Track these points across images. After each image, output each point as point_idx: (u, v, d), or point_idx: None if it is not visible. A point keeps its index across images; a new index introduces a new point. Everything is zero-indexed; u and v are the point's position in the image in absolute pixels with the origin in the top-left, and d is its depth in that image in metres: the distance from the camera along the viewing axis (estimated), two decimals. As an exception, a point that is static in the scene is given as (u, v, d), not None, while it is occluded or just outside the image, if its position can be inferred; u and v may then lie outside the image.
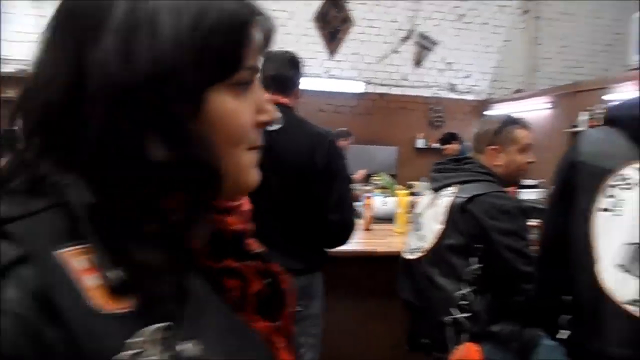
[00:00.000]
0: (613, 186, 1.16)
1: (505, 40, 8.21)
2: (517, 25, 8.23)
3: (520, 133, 1.75)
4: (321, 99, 7.49)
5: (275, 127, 1.71)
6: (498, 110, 7.38)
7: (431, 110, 8.05)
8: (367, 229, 2.51)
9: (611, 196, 1.16)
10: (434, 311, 1.62)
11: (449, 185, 1.69)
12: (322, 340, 1.81)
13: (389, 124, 7.86)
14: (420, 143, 7.93)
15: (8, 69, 6.80)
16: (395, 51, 7.88)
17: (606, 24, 8.31)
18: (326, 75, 7.61)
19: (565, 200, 1.24)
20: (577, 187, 1.21)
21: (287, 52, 1.84)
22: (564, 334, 1.29)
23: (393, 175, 5.41)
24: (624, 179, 1.14)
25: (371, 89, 7.86)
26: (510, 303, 1.59)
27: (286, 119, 1.71)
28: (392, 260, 1.91)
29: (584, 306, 1.19)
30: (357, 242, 2.16)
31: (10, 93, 6.34)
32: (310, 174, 1.70)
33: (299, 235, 1.72)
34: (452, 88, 8.12)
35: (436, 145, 7.12)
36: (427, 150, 7.84)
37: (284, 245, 1.69)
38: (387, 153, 7.70)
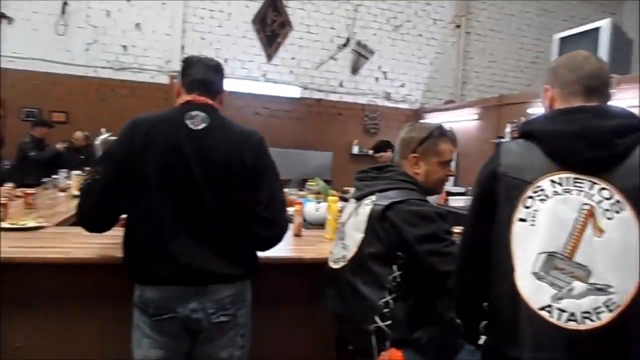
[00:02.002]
0: (531, 197, 1.20)
1: (437, 52, 8.51)
2: (449, 39, 8.55)
3: (444, 147, 1.78)
4: (257, 103, 7.41)
5: (200, 126, 1.65)
6: (430, 119, 7.63)
7: (367, 118, 8.18)
8: (298, 235, 2.48)
9: (528, 207, 1.20)
10: (358, 319, 1.61)
11: (370, 193, 1.69)
12: (249, 350, 1.75)
13: (324, 129, 7.90)
14: (355, 149, 8.03)
15: None
16: (332, 58, 7.94)
17: (531, 42, 8.82)
18: (263, 79, 7.54)
19: (487, 209, 1.27)
20: (498, 196, 1.24)
21: (211, 58, 1.84)
22: (482, 339, 1.32)
23: (328, 181, 5.43)
24: (540, 191, 1.19)
25: (308, 94, 7.87)
26: (433, 308, 1.61)
27: (212, 118, 1.68)
28: (320, 267, 1.89)
29: (502, 313, 1.22)
30: (285, 248, 2.12)
31: None
32: (238, 172, 1.65)
33: (232, 238, 1.66)
34: (388, 96, 8.29)
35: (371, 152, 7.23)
36: (362, 157, 7.94)
37: (218, 249, 1.64)
38: (322, 158, 7.73)
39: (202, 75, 1.76)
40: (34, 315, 1.85)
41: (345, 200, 4.06)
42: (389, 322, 1.55)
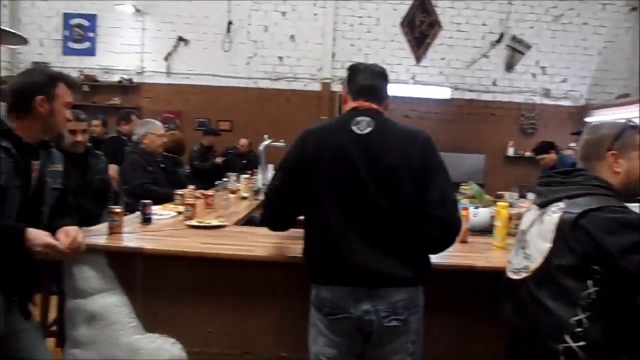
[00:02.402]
0: None
1: (607, 41, 7.62)
2: (621, 25, 7.61)
3: None
4: (406, 105, 7.36)
5: (366, 130, 1.68)
6: (599, 117, 6.85)
7: (523, 117, 7.64)
8: (464, 241, 2.39)
9: None
10: (543, 336, 1.48)
11: (557, 200, 1.55)
12: (420, 358, 1.73)
13: (476, 131, 7.55)
14: (510, 151, 7.55)
15: (114, 78, 7.38)
16: (485, 55, 7.57)
17: None
18: (412, 81, 7.47)
19: None
20: None
21: (377, 65, 1.87)
22: None
23: (480, 185, 5.17)
24: None
25: (458, 94, 7.61)
26: (638, 330, 1.42)
27: (377, 122, 1.70)
28: (492, 275, 1.80)
29: None
30: (454, 255, 2.06)
31: (116, 100, 6.89)
32: (407, 172, 1.65)
33: (404, 240, 1.67)
34: (547, 93, 7.65)
35: (529, 154, 6.72)
36: (518, 159, 7.45)
37: (390, 251, 1.65)
38: (474, 161, 7.40)
39: (368, 81, 1.79)
40: (221, 305, 2.05)
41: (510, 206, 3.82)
42: (582, 344, 1.41)
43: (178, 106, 7.52)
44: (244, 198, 3.98)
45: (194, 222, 2.52)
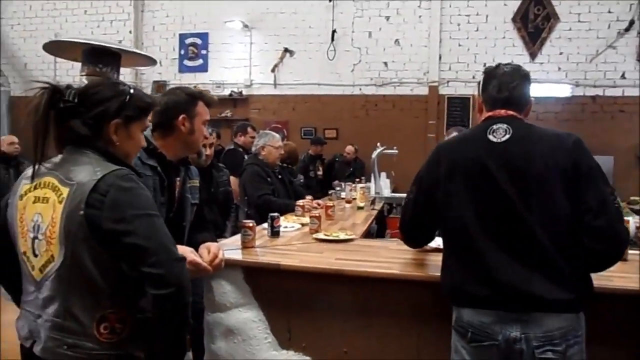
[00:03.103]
0: None
1: None
2: None
3: None
4: (521, 106, 6.87)
5: (503, 138, 1.54)
6: None
7: (658, 113, 6.83)
8: (624, 259, 2.09)
9: None
10: None
11: None
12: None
13: (602, 130, 6.86)
14: (644, 152, 6.78)
15: (225, 92, 7.73)
16: (611, 46, 6.88)
17: None
18: (527, 80, 6.99)
19: None
20: None
21: (514, 65, 1.70)
22: None
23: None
24: None
25: (580, 91, 6.98)
26: None
27: (515, 128, 1.55)
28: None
29: None
30: (619, 276, 1.80)
31: (227, 113, 7.18)
32: (557, 179, 1.47)
33: (558, 256, 1.47)
34: (689, 85, 6.78)
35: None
36: (655, 160, 6.68)
37: (543, 270, 1.47)
38: (601, 164, 6.71)
39: (504, 93, 1.63)
40: (357, 324, 1.97)
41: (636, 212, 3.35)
42: None
43: (285, 116, 7.70)
44: (361, 208, 3.90)
45: (321, 236, 2.48)
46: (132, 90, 1.39)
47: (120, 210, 1.21)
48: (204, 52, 7.91)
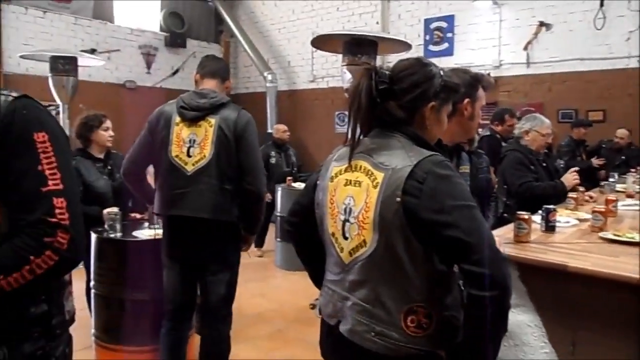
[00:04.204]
0: None
1: None
2: None
3: None
4: None
5: None
6: None
7: None
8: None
9: None
10: None
11: None
12: None
13: None
14: None
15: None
16: None
17: None
18: None
19: None
20: None
21: None
22: None
23: None
24: None
25: None
26: None
27: None
28: None
29: None
30: None
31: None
32: None
33: None
34: None
35: None
36: None
37: None
38: None
39: None
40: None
41: None
42: None
43: (538, 98, 6.95)
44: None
45: (610, 235, 2.08)
46: (441, 72, 1.32)
47: (440, 200, 1.12)
48: (449, 35, 7.67)
